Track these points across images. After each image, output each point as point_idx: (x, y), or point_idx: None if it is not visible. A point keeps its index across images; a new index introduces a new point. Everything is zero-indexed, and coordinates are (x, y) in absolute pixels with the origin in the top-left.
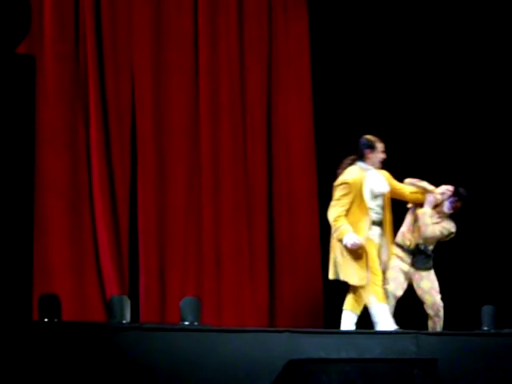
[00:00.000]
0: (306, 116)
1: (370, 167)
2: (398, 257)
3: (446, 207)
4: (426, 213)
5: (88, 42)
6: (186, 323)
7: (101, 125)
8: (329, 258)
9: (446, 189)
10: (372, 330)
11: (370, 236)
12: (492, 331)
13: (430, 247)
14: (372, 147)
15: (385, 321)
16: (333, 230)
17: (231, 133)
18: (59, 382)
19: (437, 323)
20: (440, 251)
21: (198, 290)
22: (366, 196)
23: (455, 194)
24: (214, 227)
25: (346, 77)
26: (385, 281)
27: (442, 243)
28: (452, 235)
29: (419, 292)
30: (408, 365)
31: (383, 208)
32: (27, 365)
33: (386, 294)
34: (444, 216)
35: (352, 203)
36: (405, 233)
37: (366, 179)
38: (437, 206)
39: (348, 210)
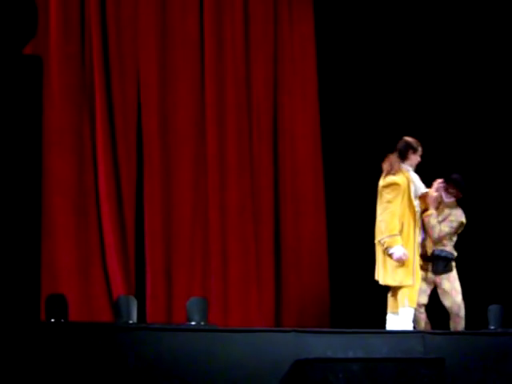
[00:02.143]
0: (312, 116)
1: (409, 167)
2: (420, 266)
3: (445, 197)
4: (430, 215)
5: (94, 43)
6: (193, 323)
7: (107, 125)
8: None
9: (437, 183)
10: (379, 330)
11: (417, 237)
12: (499, 330)
13: (448, 248)
14: (414, 149)
15: (407, 324)
16: (383, 234)
17: (237, 133)
18: (66, 382)
19: (458, 323)
20: None
21: (204, 291)
22: (413, 197)
23: (447, 181)
24: (221, 227)
25: (352, 77)
26: None
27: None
28: (463, 225)
29: (440, 293)
30: (415, 364)
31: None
32: (34, 365)
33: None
34: (450, 208)
35: (402, 204)
36: (421, 242)
37: (411, 179)
38: (440, 204)
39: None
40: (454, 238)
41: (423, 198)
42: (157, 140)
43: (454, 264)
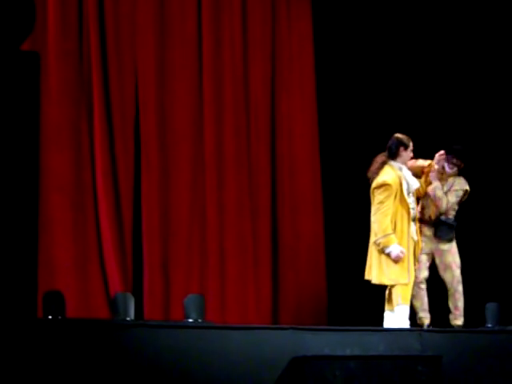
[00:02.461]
0: (309, 114)
1: (401, 165)
2: (421, 234)
3: (447, 167)
4: (435, 187)
5: (92, 39)
6: (190, 320)
7: (104, 122)
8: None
9: (438, 155)
10: (376, 327)
11: (411, 234)
12: (496, 328)
13: (451, 216)
14: (405, 145)
15: (403, 322)
16: (377, 235)
17: (235, 131)
18: (64, 379)
19: (458, 299)
20: None
21: (201, 288)
22: (405, 193)
23: (448, 152)
24: (218, 225)
25: (350, 75)
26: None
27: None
28: (467, 193)
29: (441, 267)
30: (412, 362)
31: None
32: (32, 362)
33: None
34: (453, 177)
35: (394, 204)
36: (421, 209)
37: (403, 177)
38: (443, 175)
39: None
40: (457, 207)
41: (425, 172)
42: (155, 137)
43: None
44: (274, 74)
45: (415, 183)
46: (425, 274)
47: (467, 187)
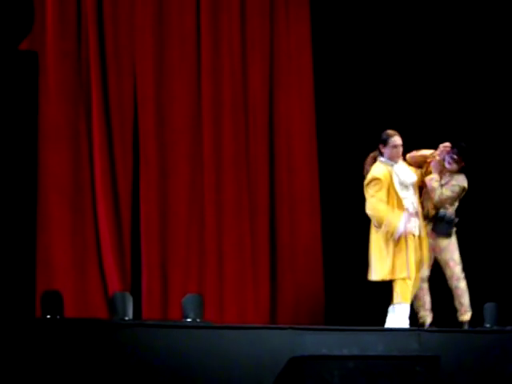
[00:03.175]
0: (307, 115)
1: (391, 161)
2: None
3: (447, 162)
4: (432, 178)
5: (90, 39)
6: (188, 320)
7: (103, 122)
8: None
9: (443, 146)
10: (374, 327)
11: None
12: (494, 328)
13: (449, 211)
14: (383, 142)
15: (401, 321)
16: (380, 226)
17: (233, 131)
18: (62, 378)
19: (460, 296)
20: None
21: (200, 287)
22: (398, 188)
23: (452, 146)
24: (216, 225)
25: (348, 75)
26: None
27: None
28: (464, 190)
29: (441, 264)
30: (410, 362)
31: (417, 198)
32: (30, 362)
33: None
34: (452, 173)
35: (387, 198)
36: (421, 202)
37: (394, 172)
38: (444, 169)
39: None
40: (456, 203)
41: (427, 161)
42: (153, 137)
43: (454, 230)
44: (273, 74)
45: (409, 177)
46: (427, 272)
47: (465, 184)
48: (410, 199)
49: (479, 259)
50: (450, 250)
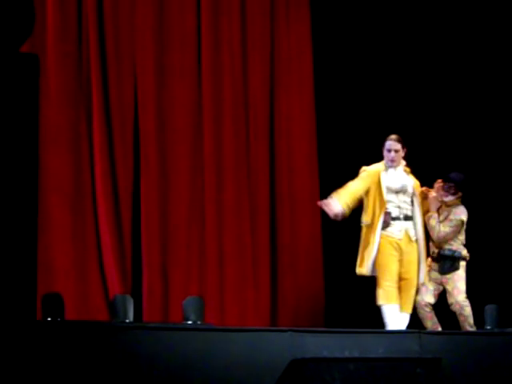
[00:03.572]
0: (308, 116)
1: (387, 164)
2: (429, 266)
3: (444, 197)
4: (430, 216)
5: (91, 41)
6: (189, 322)
7: (103, 124)
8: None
9: (437, 183)
10: (375, 330)
11: (387, 232)
12: (495, 330)
13: (453, 247)
14: (383, 145)
15: (389, 323)
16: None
17: (234, 132)
18: (62, 381)
19: (463, 322)
20: None
21: (200, 290)
22: (384, 190)
23: (445, 180)
24: (217, 227)
25: (348, 77)
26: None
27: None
28: (463, 223)
29: (447, 294)
30: (411, 364)
31: (411, 204)
32: (31, 364)
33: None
34: (451, 207)
35: (370, 196)
36: (429, 242)
37: (383, 174)
38: (442, 204)
39: (365, 195)
40: (461, 237)
41: (424, 200)
42: (154, 138)
43: (462, 263)
44: (273, 75)
45: (398, 183)
46: (430, 299)
47: (463, 217)
48: (397, 204)
49: (480, 261)
50: (455, 280)
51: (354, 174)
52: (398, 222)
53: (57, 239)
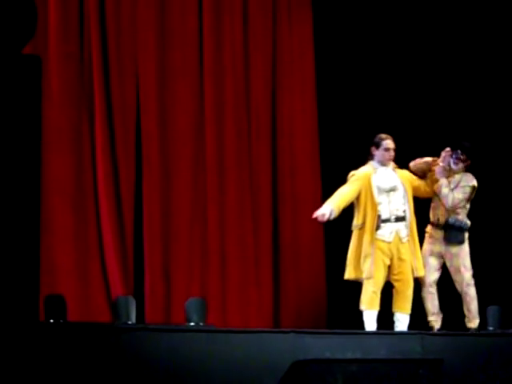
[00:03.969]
0: (310, 116)
1: (378, 165)
2: (430, 236)
3: (453, 164)
4: (441, 184)
5: (93, 42)
6: (192, 324)
7: (105, 125)
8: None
9: (444, 151)
10: (377, 331)
11: (377, 234)
12: (497, 331)
13: (461, 216)
14: (376, 144)
15: (368, 328)
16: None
17: (236, 133)
18: (65, 382)
19: (469, 303)
20: None
21: (203, 291)
22: (375, 192)
23: (454, 147)
24: (219, 228)
25: (350, 77)
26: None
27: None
28: (475, 189)
29: (451, 270)
30: (413, 365)
31: (404, 205)
32: (33, 365)
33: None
34: (460, 174)
35: (361, 199)
36: (431, 210)
37: (373, 176)
38: (449, 173)
39: (356, 198)
40: (468, 206)
41: (431, 169)
42: (156, 139)
43: (466, 236)
44: (275, 75)
45: (389, 183)
46: (434, 276)
47: (475, 183)
48: (388, 205)
49: (482, 262)
50: (462, 257)
51: None
52: (388, 224)
53: (59, 240)
